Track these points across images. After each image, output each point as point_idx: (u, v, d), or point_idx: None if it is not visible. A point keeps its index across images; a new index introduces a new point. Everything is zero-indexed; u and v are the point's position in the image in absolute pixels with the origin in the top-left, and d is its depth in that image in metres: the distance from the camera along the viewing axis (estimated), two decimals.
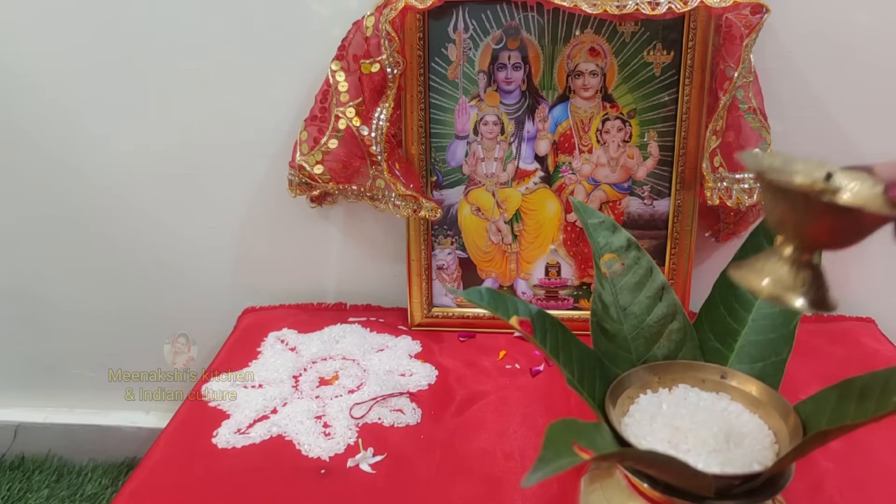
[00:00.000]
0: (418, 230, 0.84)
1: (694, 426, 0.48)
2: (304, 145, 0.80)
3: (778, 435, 0.48)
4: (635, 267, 0.56)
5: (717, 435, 0.47)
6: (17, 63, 0.87)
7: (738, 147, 0.77)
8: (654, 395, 0.52)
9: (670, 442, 0.47)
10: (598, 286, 0.56)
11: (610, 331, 0.55)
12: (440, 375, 0.78)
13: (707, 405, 0.51)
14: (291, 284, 0.95)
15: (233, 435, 0.69)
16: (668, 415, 0.49)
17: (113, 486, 1.05)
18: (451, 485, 0.63)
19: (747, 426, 0.49)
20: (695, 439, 0.47)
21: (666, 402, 0.51)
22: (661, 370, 0.53)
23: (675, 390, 0.52)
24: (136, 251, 0.96)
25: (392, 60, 0.75)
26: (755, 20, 0.70)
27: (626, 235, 0.57)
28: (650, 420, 0.49)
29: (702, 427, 0.48)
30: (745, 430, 0.48)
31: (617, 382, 0.52)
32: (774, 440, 0.48)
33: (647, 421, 0.49)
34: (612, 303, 0.55)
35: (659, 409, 0.50)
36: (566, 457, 0.39)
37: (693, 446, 0.47)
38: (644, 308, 0.55)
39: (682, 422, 0.48)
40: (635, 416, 0.50)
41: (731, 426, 0.48)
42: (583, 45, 0.78)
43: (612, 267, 0.55)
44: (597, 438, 0.45)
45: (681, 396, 0.52)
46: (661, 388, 0.52)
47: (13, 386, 1.09)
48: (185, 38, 0.83)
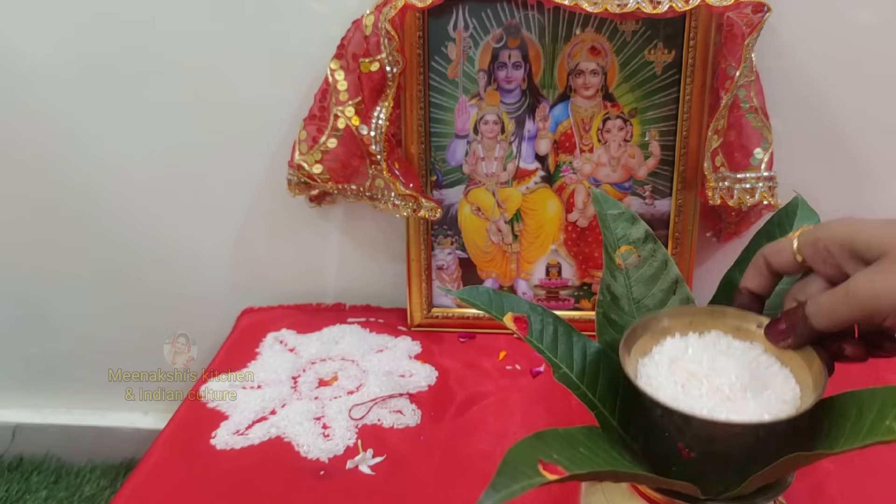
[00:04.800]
0: (418, 230, 0.84)
1: (712, 372, 0.45)
2: (303, 144, 0.80)
3: (804, 392, 0.45)
4: (651, 259, 0.55)
5: (734, 384, 0.45)
6: (17, 63, 0.86)
7: (739, 146, 0.77)
8: (682, 339, 0.49)
9: (684, 387, 0.45)
10: (609, 278, 0.55)
11: (619, 322, 0.54)
12: (440, 376, 0.78)
13: (735, 353, 0.48)
14: (290, 285, 0.94)
15: (231, 436, 0.68)
16: (690, 360, 0.47)
17: (111, 488, 1.05)
18: (452, 486, 0.62)
19: (773, 379, 0.46)
20: (709, 385, 0.45)
21: (693, 346, 0.48)
22: (695, 314, 0.51)
23: (707, 336, 0.49)
24: (134, 251, 0.96)
25: (391, 59, 0.75)
26: (757, 19, 0.70)
27: (645, 227, 0.56)
28: (669, 363, 0.47)
29: (720, 374, 0.45)
30: (770, 383, 0.45)
31: (642, 322, 0.49)
32: (799, 397, 0.45)
33: (665, 364, 0.47)
34: (623, 294, 0.54)
35: (684, 353, 0.48)
36: (523, 480, 0.36)
37: (706, 392, 0.44)
38: (658, 301, 0.54)
39: (700, 367, 0.46)
40: (655, 358, 0.48)
41: (754, 377, 0.45)
42: (583, 44, 0.77)
43: (629, 259, 0.55)
44: (582, 447, 0.43)
45: (710, 342, 0.49)
46: (692, 331, 0.50)
47: (11, 386, 1.08)
48: (183, 38, 0.83)
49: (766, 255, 0.47)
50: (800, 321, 0.44)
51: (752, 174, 0.77)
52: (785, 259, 0.46)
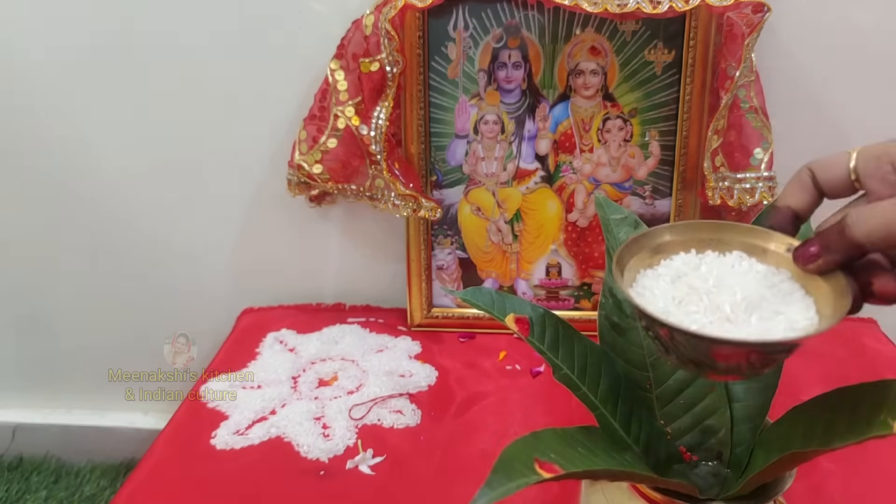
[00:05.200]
0: (418, 230, 0.84)
1: (715, 289, 0.40)
2: (303, 144, 0.80)
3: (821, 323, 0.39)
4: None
5: (738, 303, 0.39)
6: (16, 63, 0.86)
7: (739, 146, 0.77)
8: (698, 256, 0.44)
9: (681, 302, 0.40)
10: (611, 281, 0.55)
11: (621, 325, 0.54)
12: (440, 376, 0.78)
13: (754, 275, 0.42)
14: (290, 285, 0.94)
15: (231, 436, 0.68)
16: (698, 277, 0.42)
17: (111, 488, 1.05)
18: (452, 486, 0.62)
19: (791, 306, 0.40)
20: (709, 303, 0.40)
21: (707, 264, 0.43)
22: (716, 230, 0.45)
23: (728, 256, 0.44)
24: (134, 251, 0.96)
25: (391, 59, 0.75)
26: (757, 19, 0.70)
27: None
28: (674, 278, 0.42)
29: (725, 291, 0.40)
30: (784, 309, 0.40)
31: (653, 231, 0.45)
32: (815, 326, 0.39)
33: (668, 278, 0.42)
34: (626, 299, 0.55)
35: (695, 270, 0.42)
36: (518, 478, 0.36)
37: (703, 309, 0.40)
38: None
39: (705, 283, 0.41)
40: (658, 271, 0.43)
41: (767, 300, 0.40)
42: (583, 44, 0.77)
43: None
44: (581, 447, 0.42)
45: (728, 262, 0.43)
46: (711, 250, 0.44)
47: (11, 386, 1.08)
48: (183, 37, 0.83)
49: (814, 168, 0.42)
50: (835, 235, 0.38)
51: (752, 174, 0.77)
52: (836, 175, 0.41)
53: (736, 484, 0.45)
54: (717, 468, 0.49)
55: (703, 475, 0.49)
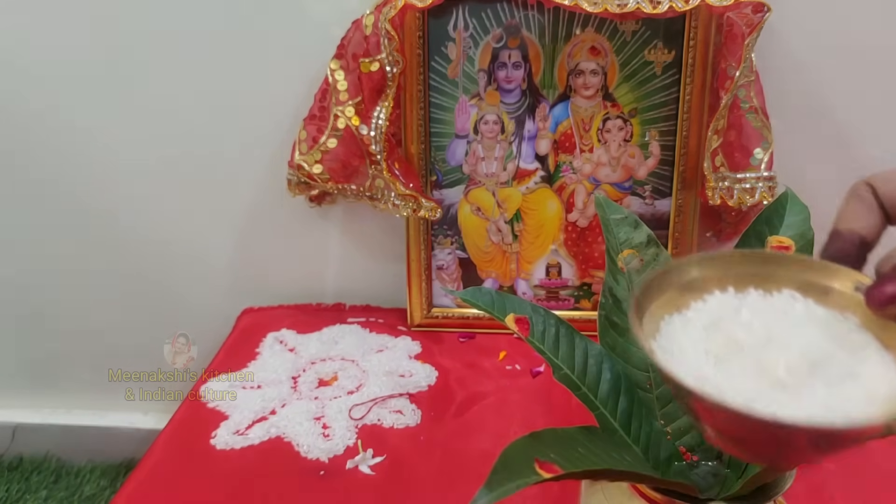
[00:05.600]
0: (418, 230, 0.84)
1: (766, 344, 0.31)
2: (303, 144, 0.80)
3: None
4: (654, 263, 0.55)
5: (796, 363, 0.30)
6: (16, 62, 0.86)
7: (739, 146, 0.77)
8: (737, 296, 0.35)
9: (718, 359, 0.31)
10: (611, 281, 0.55)
11: (621, 325, 0.54)
12: (440, 376, 0.78)
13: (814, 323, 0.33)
14: (290, 284, 0.94)
15: (231, 436, 0.68)
16: (737, 323, 0.33)
17: (111, 488, 1.05)
18: (452, 486, 0.62)
19: (865, 365, 0.31)
20: (754, 362, 0.30)
21: (750, 306, 0.34)
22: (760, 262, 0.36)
23: (776, 295, 0.35)
24: (134, 251, 0.96)
25: (391, 59, 0.75)
26: (757, 19, 0.70)
27: (647, 232, 0.56)
28: (708, 326, 0.33)
29: (777, 346, 0.31)
30: (859, 370, 0.31)
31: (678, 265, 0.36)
32: None
33: (700, 325, 0.34)
34: (626, 298, 0.54)
35: (734, 314, 0.34)
36: (518, 479, 0.35)
37: (746, 370, 0.30)
38: None
39: (748, 334, 0.32)
40: (688, 316, 0.35)
41: (833, 357, 0.31)
42: (583, 44, 0.77)
43: (631, 263, 0.55)
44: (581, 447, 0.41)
45: (780, 305, 0.34)
46: (755, 288, 0.35)
47: (11, 386, 1.08)
48: (183, 37, 0.83)
49: (874, 183, 0.34)
50: None
51: (752, 174, 0.77)
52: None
53: (736, 484, 0.45)
54: (717, 468, 0.49)
55: (703, 475, 0.49)
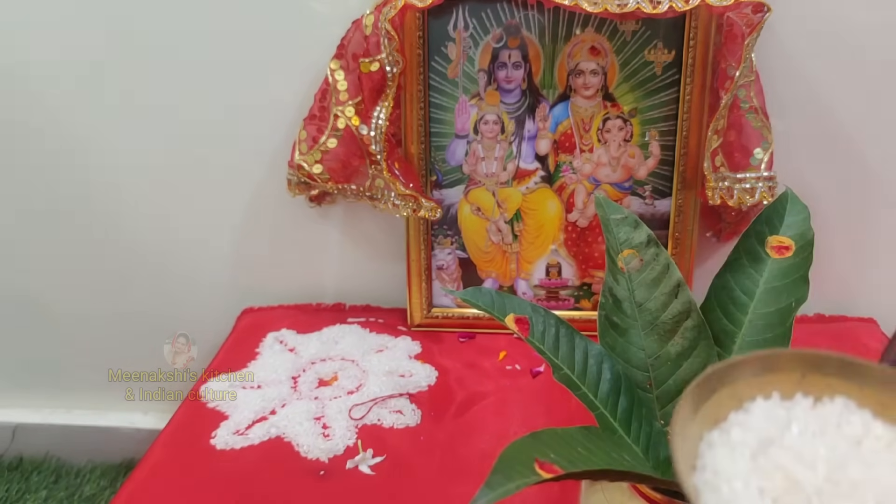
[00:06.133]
0: (418, 230, 0.84)
1: (834, 486, 0.26)
2: (303, 144, 0.80)
3: None
4: (653, 263, 0.55)
5: None
6: (16, 62, 0.86)
7: (739, 146, 0.77)
8: (783, 404, 0.30)
9: (774, 500, 0.26)
10: (611, 281, 0.55)
11: (621, 325, 0.54)
12: (440, 376, 0.78)
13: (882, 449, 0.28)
14: (290, 284, 0.94)
15: (231, 436, 0.68)
16: (791, 449, 0.27)
17: (111, 488, 1.05)
18: (452, 486, 0.62)
19: None
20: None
21: (800, 421, 0.29)
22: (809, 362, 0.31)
23: (828, 404, 0.30)
24: (134, 251, 0.96)
25: (391, 59, 0.75)
26: (756, 19, 0.70)
27: (647, 232, 0.56)
28: (756, 452, 0.28)
29: (849, 492, 0.26)
30: None
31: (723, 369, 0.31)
32: None
33: (748, 452, 0.28)
34: (626, 298, 0.55)
35: (782, 431, 0.29)
36: (518, 479, 0.34)
37: None
38: (660, 304, 0.54)
39: (809, 471, 0.26)
40: (731, 435, 0.29)
41: None
42: (583, 44, 0.77)
43: (631, 263, 0.55)
44: (581, 447, 0.40)
45: (833, 419, 0.29)
46: (802, 393, 0.31)
47: (12, 386, 1.08)
48: (183, 37, 0.83)
49: None
50: None
51: (752, 174, 0.77)
52: None
53: None
54: None
55: None
